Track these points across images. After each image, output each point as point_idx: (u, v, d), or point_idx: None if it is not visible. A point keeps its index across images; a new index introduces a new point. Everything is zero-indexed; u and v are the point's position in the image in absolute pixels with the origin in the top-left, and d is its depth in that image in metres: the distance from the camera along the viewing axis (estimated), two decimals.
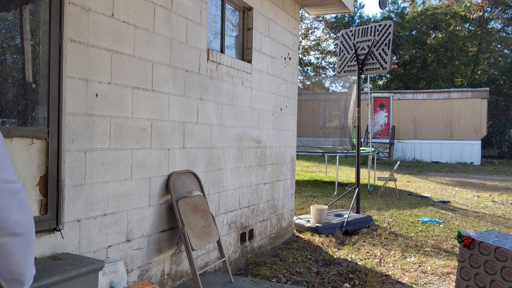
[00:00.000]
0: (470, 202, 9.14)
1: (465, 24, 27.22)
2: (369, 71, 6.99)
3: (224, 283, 3.66)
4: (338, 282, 4.02)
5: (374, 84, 29.12)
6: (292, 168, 5.79)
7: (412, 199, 9.28)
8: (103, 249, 2.81)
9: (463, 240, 3.04)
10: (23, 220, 0.88)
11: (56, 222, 2.46)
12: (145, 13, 3.12)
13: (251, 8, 4.63)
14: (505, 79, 26.04)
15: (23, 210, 0.88)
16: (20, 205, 0.87)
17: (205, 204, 3.70)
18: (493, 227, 6.71)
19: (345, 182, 11.75)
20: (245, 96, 4.53)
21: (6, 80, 2.33)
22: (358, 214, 6.65)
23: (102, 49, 2.76)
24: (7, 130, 2.24)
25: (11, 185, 0.86)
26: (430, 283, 4.14)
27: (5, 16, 2.38)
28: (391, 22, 6.79)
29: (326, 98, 16.51)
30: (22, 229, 0.87)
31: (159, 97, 3.27)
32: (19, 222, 0.87)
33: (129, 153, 3.01)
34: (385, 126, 20.11)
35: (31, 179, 2.34)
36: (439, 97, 19.55)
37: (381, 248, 5.28)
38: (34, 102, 2.42)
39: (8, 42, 2.42)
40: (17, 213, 0.86)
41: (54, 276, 2.13)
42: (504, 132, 24.04)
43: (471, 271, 2.99)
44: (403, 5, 28.92)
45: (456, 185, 12.01)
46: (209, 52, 3.88)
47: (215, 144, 4.05)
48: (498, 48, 26.90)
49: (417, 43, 27.56)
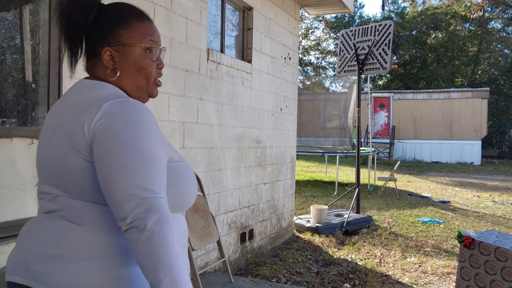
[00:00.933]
0: (470, 202, 9.14)
1: (465, 24, 27.23)
2: (369, 71, 6.99)
3: (224, 283, 3.66)
4: (338, 282, 4.02)
5: (374, 84, 29.13)
6: (292, 168, 5.79)
7: (412, 199, 9.29)
8: None
9: (463, 240, 3.04)
10: None
11: None
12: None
13: (251, 8, 4.63)
14: (505, 79, 26.04)
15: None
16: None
17: (205, 204, 3.70)
18: (493, 227, 6.71)
19: (345, 182, 11.76)
20: (245, 96, 4.53)
21: (6, 80, 2.33)
22: (358, 214, 6.65)
23: None
24: (7, 130, 2.24)
25: (181, 163, 1.15)
26: (430, 283, 4.14)
27: (5, 16, 2.38)
28: (391, 22, 6.79)
29: (326, 98, 16.51)
30: None
31: (159, 97, 3.27)
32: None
33: None
34: (385, 126, 20.11)
35: (31, 179, 2.34)
36: (439, 97, 19.55)
37: (381, 248, 5.28)
38: (34, 102, 2.42)
39: (8, 42, 2.42)
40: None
41: None
42: (504, 132, 24.04)
43: (471, 271, 2.99)
44: (403, 5, 28.95)
45: (456, 185, 12.02)
46: (209, 52, 3.88)
47: (215, 144, 4.05)
48: (498, 48, 26.91)
49: (417, 43, 27.56)
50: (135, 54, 1.16)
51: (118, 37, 1.15)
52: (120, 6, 1.20)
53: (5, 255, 2.22)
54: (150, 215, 0.95)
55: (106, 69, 1.15)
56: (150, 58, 1.18)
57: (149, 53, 1.18)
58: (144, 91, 1.19)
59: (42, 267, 1.02)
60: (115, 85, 1.15)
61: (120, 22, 1.16)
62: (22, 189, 2.30)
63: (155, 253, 0.93)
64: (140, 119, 1.03)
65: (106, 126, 1.00)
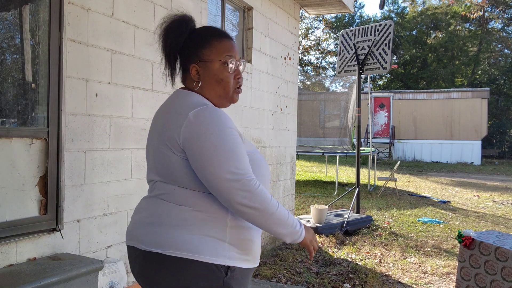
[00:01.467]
0: (471, 202, 9.14)
1: (465, 24, 27.22)
2: (369, 71, 6.99)
3: None
4: (338, 282, 4.02)
5: (374, 84, 29.12)
6: (292, 168, 5.79)
7: (412, 199, 9.28)
8: (103, 249, 2.81)
9: (463, 240, 3.04)
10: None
11: (56, 222, 2.46)
12: (145, 13, 3.12)
13: (251, 8, 4.63)
14: (505, 79, 26.04)
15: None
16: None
17: None
18: (493, 227, 6.70)
19: (345, 182, 11.76)
20: (245, 96, 4.52)
21: (6, 80, 2.33)
22: (358, 214, 6.65)
23: (102, 49, 2.76)
24: (7, 130, 2.24)
25: (255, 154, 1.45)
26: (430, 283, 4.14)
27: (5, 16, 2.37)
28: (391, 22, 6.78)
29: (326, 98, 16.49)
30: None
31: (159, 97, 3.27)
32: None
33: (129, 153, 3.00)
34: (385, 126, 20.10)
35: (30, 179, 2.34)
36: (439, 97, 19.55)
37: (381, 248, 5.27)
38: (34, 102, 2.42)
39: (8, 42, 2.42)
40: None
41: (54, 276, 2.13)
42: (504, 132, 24.04)
43: (471, 271, 2.99)
44: (403, 5, 28.94)
45: (456, 185, 12.01)
46: None
47: None
48: (498, 48, 26.90)
49: (417, 43, 27.56)
50: (215, 68, 1.44)
51: (201, 56, 1.44)
52: (204, 30, 1.50)
53: (5, 255, 2.22)
54: (253, 193, 1.27)
55: (193, 81, 1.46)
56: (227, 70, 1.45)
57: (226, 66, 1.45)
58: (224, 98, 1.48)
59: (142, 230, 1.38)
60: (200, 93, 1.45)
61: (203, 43, 1.45)
62: (22, 189, 2.30)
63: (270, 218, 1.30)
64: (217, 121, 1.32)
65: (192, 131, 1.30)
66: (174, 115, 1.37)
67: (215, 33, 1.48)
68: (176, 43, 1.45)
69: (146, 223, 1.39)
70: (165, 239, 1.32)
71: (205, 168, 1.28)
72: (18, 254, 2.28)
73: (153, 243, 1.33)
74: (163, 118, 1.43)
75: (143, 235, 1.37)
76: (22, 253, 2.30)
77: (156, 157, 1.42)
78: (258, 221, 1.30)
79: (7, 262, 2.23)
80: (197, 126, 1.30)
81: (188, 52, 1.46)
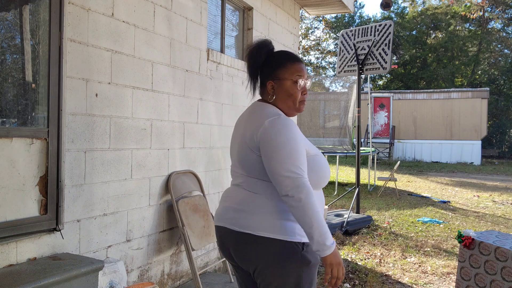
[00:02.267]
0: (470, 202, 9.14)
1: (465, 24, 27.22)
2: (369, 71, 6.99)
3: (224, 283, 3.66)
4: None
5: (374, 84, 29.12)
6: None
7: (412, 199, 9.28)
8: (103, 249, 2.81)
9: (463, 240, 3.04)
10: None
11: (56, 222, 2.46)
12: (145, 13, 3.12)
13: (251, 8, 4.63)
14: (505, 79, 26.03)
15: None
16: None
17: (205, 204, 3.70)
18: (493, 227, 6.71)
19: (345, 182, 11.75)
20: (245, 96, 4.52)
21: (6, 80, 2.33)
22: (358, 214, 6.65)
23: (102, 49, 2.76)
24: (7, 130, 2.24)
25: (318, 156, 1.83)
26: (430, 283, 4.14)
27: (5, 16, 2.37)
28: (391, 22, 6.79)
29: (326, 98, 16.48)
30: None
31: (159, 97, 3.27)
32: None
33: (129, 153, 3.00)
34: (385, 126, 20.10)
35: (31, 179, 2.34)
36: (439, 97, 19.55)
37: (381, 248, 5.28)
38: (34, 102, 2.42)
39: (8, 42, 2.42)
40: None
41: (54, 276, 2.13)
42: (504, 132, 24.04)
43: (471, 271, 2.99)
44: (403, 5, 28.93)
45: (456, 185, 12.01)
46: (209, 52, 3.88)
47: (215, 144, 4.05)
48: (498, 48, 26.90)
49: (417, 43, 27.56)
50: (287, 85, 1.82)
51: (277, 75, 1.83)
52: (281, 54, 1.88)
53: (5, 255, 2.22)
54: (299, 189, 1.60)
55: (269, 95, 1.85)
56: (297, 87, 1.83)
57: (296, 84, 1.82)
58: (292, 109, 1.86)
59: (234, 215, 1.76)
60: (274, 105, 1.84)
61: (278, 65, 1.83)
62: (22, 189, 2.30)
63: (307, 214, 1.59)
64: (285, 129, 1.69)
65: (265, 135, 1.68)
66: (254, 121, 1.76)
67: (289, 57, 1.86)
68: (258, 62, 1.84)
69: (234, 209, 1.77)
70: (254, 223, 1.70)
71: (269, 165, 1.66)
72: (18, 254, 2.28)
73: (244, 226, 1.71)
74: (246, 123, 1.82)
75: (234, 219, 1.75)
76: (22, 253, 2.30)
77: (240, 154, 1.80)
78: (296, 214, 1.61)
79: (7, 262, 2.23)
80: (269, 131, 1.68)
81: (266, 71, 1.84)
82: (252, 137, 1.72)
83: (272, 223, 1.69)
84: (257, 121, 1.74)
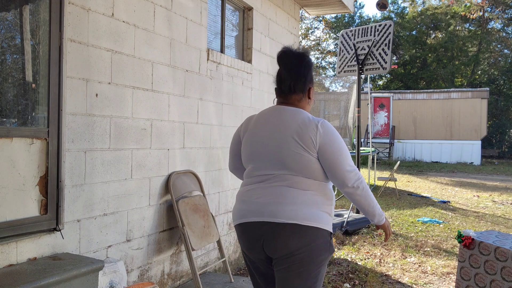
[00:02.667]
0: (470, 202, 9.14)
1: (465, 24, 27.21)
2: (369, 71, 6.99)
3: (224, 283, 3.66)
4: (338, 282, 4.02)
5: (374, 84, 29.11)
6: None
7: (412, 199, 9.29)
8: (103, 249, 2.81)
9: (463, 240, 3.04)
10: None
11: (56, 222, 2.46)
12: (145, 13, 3.12)
13: (251, 8, 4.63)
14: (505, 79, 26.03)
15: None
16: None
17: (205, 204, 3.70)
18: (493, 227, 6.71)
19: None
20: (245, 96, 4.53)
21: (6, 80, 2.33)
22: (358, 214, 6.65)
23: (102, 49, 2.76)
24: (7, 130, 2.24)
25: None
26: (430, 283, 4.14)
27: (5, 16, 2.38)
28: (391, 22, 6.79)
29: (326, 98, 16.48)
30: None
31: (159, 97, 3.27)
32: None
33: (129, 153, 3.01)
34: (385, 126, 20.10)
35: (31, 179, 2.34)
36: (439, 97, 19.54)
37: (381, 248, 5.28)
38: (34, 102, 2.42)
39: (8, 42, 2.42)
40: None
41: (54, 276, 2.13)
42: (504, 132, 24.04)
43: (471, 271, 2.99)
44: (403, 5, 28.93)
45: (456, 185, 12.01)
46: (209, 52, 3.88)
47: (215, 144, 4.05)
48: (498, 48, 26.89)
49: (417, 43, 27.55)
50: (312, 92, 2.10)
51: (312, 81, 2.09)
52: (311, 62, 2.13)
53: (5, 255, 2.22)
54: (360, 180, 1.92)
55: (306, 100, 2.08)
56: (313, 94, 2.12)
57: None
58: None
59: (277, 208, 1.89)
60: (303, 109, 2.04)
61: (312, 71, 2.10)
62: (22, 189, 2.30)
63: (370, 197, 1.97)
64: (336, 131, 1.96)
65: (326, 138, 1.91)
66: (304, 125, 1.92)
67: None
68: (309, 67, 2.08)
69: (280, 203, 1.89)
70: (301, 213, 1.87)
71: (335, 163, 1.89)
72: (19, 254, 2.28)
73: (291, 216, 1.86)
74: (288, 126, 1.95)
75: (280, 211, 1.88)
76: (22, 253, 2.30)
77: (285, 157, 1.93)
78: (360, 199, 1.95)
79: (7, 262, 2.23)
80: (327, 135, 1.91)
81: (310, 77, 2.07)
82: (308, 139, 1.90)
83: (316, 214, 1.90)
84: (308, 126, 1.92)
